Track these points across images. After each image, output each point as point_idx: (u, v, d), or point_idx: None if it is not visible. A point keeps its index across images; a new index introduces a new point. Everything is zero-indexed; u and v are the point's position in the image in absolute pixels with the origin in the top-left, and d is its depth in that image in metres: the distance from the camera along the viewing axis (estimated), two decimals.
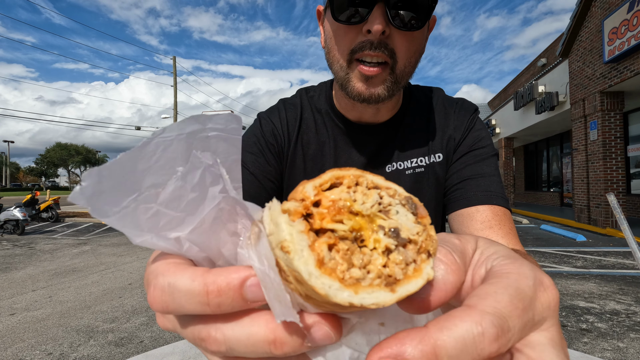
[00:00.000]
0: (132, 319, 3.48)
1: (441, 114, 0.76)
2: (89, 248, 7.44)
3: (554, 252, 6.31)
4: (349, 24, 0.58)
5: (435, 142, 0.74)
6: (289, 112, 0.77)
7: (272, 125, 0.75)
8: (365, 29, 0.57)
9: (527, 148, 18.37)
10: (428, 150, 0.74)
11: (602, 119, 8.58)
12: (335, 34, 0.62)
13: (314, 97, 0.79)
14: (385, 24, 0.56)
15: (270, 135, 0.74)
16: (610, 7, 8.04)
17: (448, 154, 0.74)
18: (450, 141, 0.74)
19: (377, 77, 0.60)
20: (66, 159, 78.73)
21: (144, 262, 6.05)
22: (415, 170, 0.73)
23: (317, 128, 0.76)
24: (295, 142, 0.75)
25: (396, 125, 0.75)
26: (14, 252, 7.05)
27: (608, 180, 8.61)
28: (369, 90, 0.61)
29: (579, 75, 9.42)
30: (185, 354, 0.61)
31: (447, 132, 0.75)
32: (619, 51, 7.49)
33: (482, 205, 0.64)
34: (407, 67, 0.62)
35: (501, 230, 0.61)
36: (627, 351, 2.67)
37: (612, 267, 5.19)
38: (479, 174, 0.69)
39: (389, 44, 0.58)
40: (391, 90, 0.62)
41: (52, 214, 12.17)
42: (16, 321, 3.47)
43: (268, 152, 0.73)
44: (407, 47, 0.60)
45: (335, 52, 0.63)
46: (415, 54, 0.62)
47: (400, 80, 0.62)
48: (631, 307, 3.55)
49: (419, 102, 0.78)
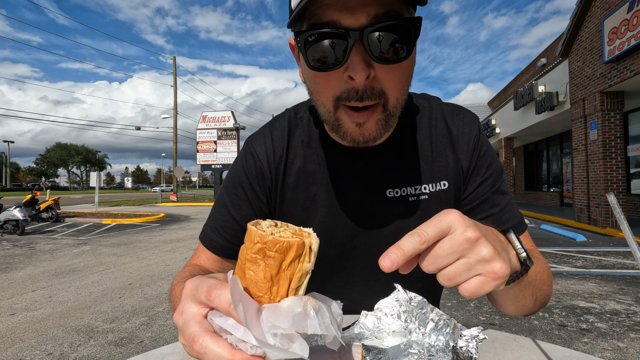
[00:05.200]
0: (132, 319, 3.48)
1: (443, 133, 0.71)
2: (89, 248, 7.44)
3: (554, 252, 6.31)
4: (327, 70, 0.51)
5: (439, 168, 0.70)
6: (275, 141, 0.72)
7: (258, 163, 0.71)
8: (347, 75, 0.50)
9: (527, 148, 18.37)
10: (432, 178, 0.70)
11: (602, 118, 8.57)
12: (314, 80, 0.55)
13: (303, 119, 0.73)
14: (368, 65, 0.50)
15: (255, 176, 0.70)
16: (610, 7, 8.04)
17: (456, 182, 0.70)
18: (455, 169, 0.70)
19: (369, 121, 0.55)
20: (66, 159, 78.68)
21: (144, 262, 6.05)
22: (419, 198, 0.70)
23: (306, 156, 0.71)
24: (284, 174, 0.70)
25: (394, 149, 0.70)
26: (14, 252, 7.05)
27: (608, 180, 8.61)
28: (363, 135, 0.56)
29: (578, 75, 9.42)
30: (185, 354, 0.61)
31: (450, 157, 0.70)
32: (619, 51, 7.49)
33: None
34: (400, 99, 0.56)
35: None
36: (627, 351, 2.67)
37: (612, 267, 5.19)
38: (499, 207, 0.68)
39: (376, 86, 0.52)
40: (386, 127, 0.58)
41: (52, 214, 12.17)
42: (16, 321, 3.47)
43: (254, 197, 0.70)
44: (398, 79, 0.53)
45: (318, 96, 0.57)
46: (408, 80, 0.57)
47: (395, 113, 0.57)
48: (631, 307, 3.55)
49: (417, 118, 0.72)
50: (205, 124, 26.89)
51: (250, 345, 0.31)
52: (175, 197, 25.04)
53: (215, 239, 0.70)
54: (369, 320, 0.58)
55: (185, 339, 0.34)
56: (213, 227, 0.71)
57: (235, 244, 0.70)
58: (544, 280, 0.58)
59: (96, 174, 14.22)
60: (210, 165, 26.48)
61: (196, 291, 0.35)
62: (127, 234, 9.62)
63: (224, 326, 0.32)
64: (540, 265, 0.57)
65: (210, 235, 0.71)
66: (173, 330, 3.20)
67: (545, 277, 0.58)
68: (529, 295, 0.55)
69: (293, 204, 0.71)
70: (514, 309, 0.59)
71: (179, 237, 8.99)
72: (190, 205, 22.33)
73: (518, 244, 0.44)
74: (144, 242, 8.24)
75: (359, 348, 0.47)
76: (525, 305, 0.57)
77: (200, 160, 26.67)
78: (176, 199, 24.90)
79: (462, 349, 0.51)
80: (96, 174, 14.21)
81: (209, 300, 0.33)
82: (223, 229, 0.70)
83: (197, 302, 0.35)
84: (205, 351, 0.32)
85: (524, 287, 0.52)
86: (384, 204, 0.69)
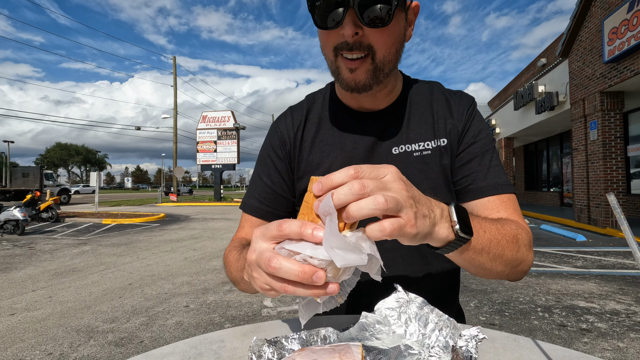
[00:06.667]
0: (132, 319, 3.48)
1: (442, 103, 0.81)
2: (89, 248, 7.45)
3: (554, 252, 6.31)
4: (328, 29, 0.65)
5: (439, 128, 0.79)
6: (295, 116, 0.86)
7: (279, 133, 0.85)
8: (340, 33, 0.64)
9: (527, 148, 18.37)
10: (433, 135, 0.79)
11: (602, 118, 8.58)
12: (321, 35, 0.70)
13: (319, 97, 0.88)
14: (356, 26, 0.63)
15: (278, 144, 0.84)
16: (610, 7, 8.04)
17: (452, 141, 0.79)
18: (453, 129, 0.79)
19: (359, 69, 0.67)
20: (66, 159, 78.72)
21: (144, 262, 6.05)
22: (422, 153, 0.78)
23: (320, 122, 0.84)
24: (302, 139, 0.83)
25: (397, 111, 0.81)
26: (14, 252, 7.05)
27: (608, 180, 8.61)
28: (355, 80, 0.68)
29: (578, 75, 9.42)
30: (185, 354, 0.60)
31: (449, 121, 0.80)
32: (619, 51, 7.50)
33: (492, 196, 0.74)
34: (387, 56, 0.68)
35: (506, 212, 0.72)
36: (627, 351, 2.67)
37: (612, 267, 5.19)
38: (485, 167, 0.76)
39: (364, 41, 0.65)
40: (375, 77, 0.68)
41: (52, 214, 12.17)
42: (16, 321, 3.47)
43: (278, 161, 0.84)
44: (384, 40, 0.66)
45: (324, 49, 0.71)
46: (395, 43, 0.68)
47: (383, 67, 0.68)
48: (631, 307, 3.55)
49: (419, 91, 0.84)
50: (206, 124, 26.90)
51: (318, 261, 0.38)
52: (175, 197, 25.04)
53: (254, 204, 0.84)
54: (369, 321, 0.58)
55: (262, 263, 0.41)
56: (251, 195, 0.85)
57: (271, 207, 0.83)
58: (503, 247, 0.59)
59: (96, 174, 14.23)
60: (210, 165, 26.49)
61: (265, 230, 0.42)
62: (127, 234, 9.63)
63: (293, 249, 0.40)
64: (495, 233, 0.58)
65: (249, 202, 0.85)
66: (173, 330, 3.21)
67: (504, 243, 0.59)
68: (486, 261, 0.58)
69: (309, 163, 0.82)
70: (479, 273, 0.62)
71: (179, 237, 8.99)
72: (190, 205, 22.34)
73: (454, 217, 0.49)
74: (144, 242, 8.24)
75: (359, 348, 0.47)
76: (491, 269, 0.60)
77: (200, 160, 26.69)
78: (176, 199, 24.90)
79: (461, 349, 0.51)
80: (96, 174, 14.21)
81: (280, 231, 0.40)
82: (259, 194, 0.84)
83: (267, 239, 0.42)
84: (280, 266, 0.39)
85: (476, 253, 0.55)
86: (390, 160, 0.78)
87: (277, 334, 0.63)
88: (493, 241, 0.57)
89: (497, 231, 0.59)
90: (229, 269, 0.73)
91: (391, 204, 0.38)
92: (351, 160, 0.79)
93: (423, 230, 0.43)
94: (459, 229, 0.48)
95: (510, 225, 0.63)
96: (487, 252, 0.57)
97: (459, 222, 0.49)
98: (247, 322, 3.37)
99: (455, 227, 0.48)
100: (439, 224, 0.46)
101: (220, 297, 4.14)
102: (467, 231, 0.49)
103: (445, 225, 0.47)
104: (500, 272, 0.62)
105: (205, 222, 12.35)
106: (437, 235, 0.46)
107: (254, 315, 3.57)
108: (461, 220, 0.49)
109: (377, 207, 0.37)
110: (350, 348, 0.47)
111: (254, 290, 0.61)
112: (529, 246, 0.65)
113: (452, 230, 0.48)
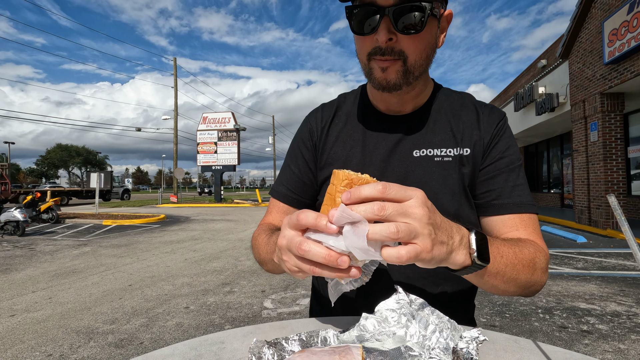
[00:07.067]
0: (132, 320, 3.48)
1: (471, 114, 0.82)
2: (89, 249, 7.44)
3: (554, 253, 6.30)
4: (364, 35, 0.69)
5: (465, 138, 0.80)
6: (325, 111, 0.91)
7: (309, 126, 0.90)
8: (375, 38, 0.68)
9: (527, 149, 18.37)
10: (457, 143, 0.79)
11: (602, 120, 8.58)
12: (357, 40, 0.74)
13: (350, 97, 0.92)
14: (390, 33, 0.66)
15: (307, 136, 0.89)
16: (610, 8, 8.05)
17: (476, 153, 0.79)
18: (478, 141, 0.79)
19: (390, 68, 0.70)
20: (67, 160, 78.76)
21: (144, 263, 6.05)
22: (443, 159, 0.79)
23: (348, 120, 0.88)
24: (327, 133, 0.88)
25: (423, 116, 0.82)
26: (14, 253, 7.05)
27: (608, 182, 8.60)
28: (386, 79, 0.71)
29: (579, 77, 9.42)
30: (185, 356, 0.60)
31: (475, 132, 0.80)
32: (619, 52, 7.50)
33: (513, 214, 0.74)
34: (419, 61, 0.70)
35: (525, 231, 0.73)
36: (628, 353, 2.66)
37: (612, 268, 5.18)
38: (511, 184, 0.76)
39: (396, 47, 0.68)
40: (405, 78, 0.71)
41: (53, 215, 12.17)
42: (16, 322, 3.47)
43: (306, 152, 0.88)
44: (416, 46, 0.68)
45: (360, 54, 0.74)
46: (426, 49, 0.71)
47: (413, 70, 0.71)
48: (632, 309, 3.54)
49: (448, 99, 0.85)
50: (206, 125, 26.92)
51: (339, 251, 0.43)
52: (175, 198, 25.04)
53: (282, 190, 0.89)
54: (369, 322, 0.58)
55: (293, 247, 0.46)
56: (280, 182, 0.91)
57: (297, 194, 0.88)
58: (520, 270, 0.61)
59: (96, 175, 14.22)
60: (211, 166, 26.50)
61: (290, 219, 0.47)
62: (127, 235, 9.63)
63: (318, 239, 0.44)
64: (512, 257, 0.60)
65: (278, 188, 0.90)
66: (173, 331, 3.20)
67: (520, 267, 0.61)
68: (500, 284, 0.60)
69: (331, 155, 0.85)
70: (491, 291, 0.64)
71: (179, 238, 8.99)
72: (191, 206, 22.34)
73: (473, 245, 0.51)
74: (144, 243, 8.24)
75: (359, 350, 0.47)
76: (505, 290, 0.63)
77: (200, 162, 26.70)
78: (176, 200, 24.90)
79: (462, 351, 0.51)
80: (96, 175, 14.21)
81: (298, 220, 0.45)
82: (287, 181, 0.89)
83: (292, 227, 0.47)
84: (310, 249, 0.44)
85: (490, 276, 0.58)
86: (410, 161, 0.80)
87: (277, 335, 0.63)
88: (509, 266, 0.59)
89: (514, 255, 0.60)
90: (258, 251, 0.77)
91: (403, 234, 0.41)
92: (370, 158, 0.82)
93: (439, 257, 0.46)
94: (477, 257, 0.51)
95: (529, 248, 0.64)
96: (502, 276, 0.59)
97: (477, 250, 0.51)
98: (247, 324, 3.37)
99: (474, 255, 0.51)
100: (457, 251, 0.49)
101: (220, 299, 4.13)
102: (484, 259, 0.52)
103: (462, 252, 0.50)
104: (512, 292, 0.65)
105: (206, 223, 12.34)
106: (454, 261, 0.49)
107: (254, 317, 3.56)
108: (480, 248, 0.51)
109: (389, 236, 0.41)
110: (350, 349, 0.46)
111: (280, 270, 0.66)
112: (544, 269, 0.66)
113: (469, 257, 0.51)
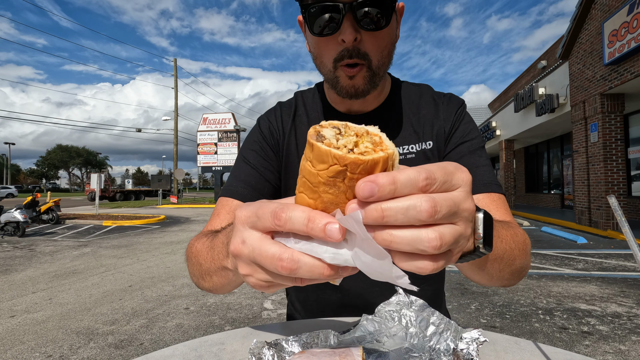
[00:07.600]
0: (132, 321, 3.48)
1: (430, 106, 0.82)
2: (90, 250, 7.44)
3: (554, 254, 6.30)
4: (326, 36, 0.66)
5: (426, 131, 0.80)
6: (284, 111, 0.87)
7: (268, 123, 0.85)
8: (340, 39, 0.65)
9: (527, 150, 18.36)
10: (418, 138, 0.80)
11: (602, 121, 8.58)
12: (317, 44, 0.71)
13: (308, 96, 0.89)
14: (356, 30, 0.64)
15: (268, 132, 0.84)
16: (610, 9, 8.06)
17: (439, 143, 0.80)
18: (440, 131, 0.80)
19: (357, 76, 0.69)
20: (67, 161, 78.84)
21: (144, 264, 6.05)
22: (406, 157, 0.80)
23: (309, 121, 0.85)
24: (289, 134, 0.84)
25: (384, 114, 0.82)
26: (14, 254, 7.05)
27: (609, 183, 8.60)
28: (354, 86, 0.70)
29: (579, 78, 9.43)
30: (185, 357, 0.60)
31: (437, 123, 0.80)
32: (619, 53, 7.50)
33: (481, 194, 0.72)
34: (382, 60, 0.70)
35: (498, 212, 0.71)
36: (628, 354, 2.66)
37: (613, 269, 5.18)
38: (474, 165, 0.75)
39: (361, 48, 0.67)
40: (372, 82, 0.71)
41: (53, 216, 12.17)
42: (16, 323, 3.47)
43: (267, 148, 0.83)
44: (378, 44, 0.68)
45: (321, 59, 0.72)
46: (387, 46, 0.71)
47: (378, 72, 0.70)
48: (632, 310, 3.54)
49: (407, 94, 0.85)
50: (206, 125, 26.92)
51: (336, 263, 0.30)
52: (175, 198, 25.04)
53: (238, 186, 0.79)
54: (369, 323, 0.58)
55: (264, 258, 0.31)
56: (235, 178, 0.80)
57: (257, 191, 0.79)
58: (515, 255, 0.57)
59: (96, 175, 14.23)
60: (211, 167, 26.49)
61: (255, 218, 0.32)
62: (127, 235, 9.62)
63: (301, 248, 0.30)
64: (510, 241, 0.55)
65: (233, 185, 0.79)
66: (173, 332, 3.20)
67: (517, 252, 0.57)
68: (495, 271, 0.55)
69: (295, 158, 0.82)
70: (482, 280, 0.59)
71: (179, 239, 8.99)
72: (191, 207, 22.33)
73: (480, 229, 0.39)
74: (144, 244, 8.23)
75: (359, 351, 0.47)
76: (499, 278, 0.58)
77: (200, 162, 26.69)
78: (176, 200, 24.90)
79: (462, 352, 0.51)
80: (97, 176, 14.21)
81: (277, 224, 0.30)
82: (245, 176, 0.81)
83: (259, 229, 0.32)
84: (299, 265, 0.30)
85: (489, 263, 0.52)
86: None
87: (277, 336, 0.63)
88: (507, 251, 0.55)
89: (511, 239, 0.57)
90: (197, 261, 0.57)
91: (445, 247, 0.28)
92: None
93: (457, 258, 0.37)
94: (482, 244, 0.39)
95: (518, 229, 0.62)
96: (499, 263, 0.54)
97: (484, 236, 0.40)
98: (248, 325, 3.36)
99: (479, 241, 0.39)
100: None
101: (220, 299, 4.13)
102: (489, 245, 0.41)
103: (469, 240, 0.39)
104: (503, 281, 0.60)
105: (206, 224, 12.33)
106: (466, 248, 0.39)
107: (254, 318, 3.56)
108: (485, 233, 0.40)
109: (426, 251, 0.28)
110: (350, 351, 0.46)
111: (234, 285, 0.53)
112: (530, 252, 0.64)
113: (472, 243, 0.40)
